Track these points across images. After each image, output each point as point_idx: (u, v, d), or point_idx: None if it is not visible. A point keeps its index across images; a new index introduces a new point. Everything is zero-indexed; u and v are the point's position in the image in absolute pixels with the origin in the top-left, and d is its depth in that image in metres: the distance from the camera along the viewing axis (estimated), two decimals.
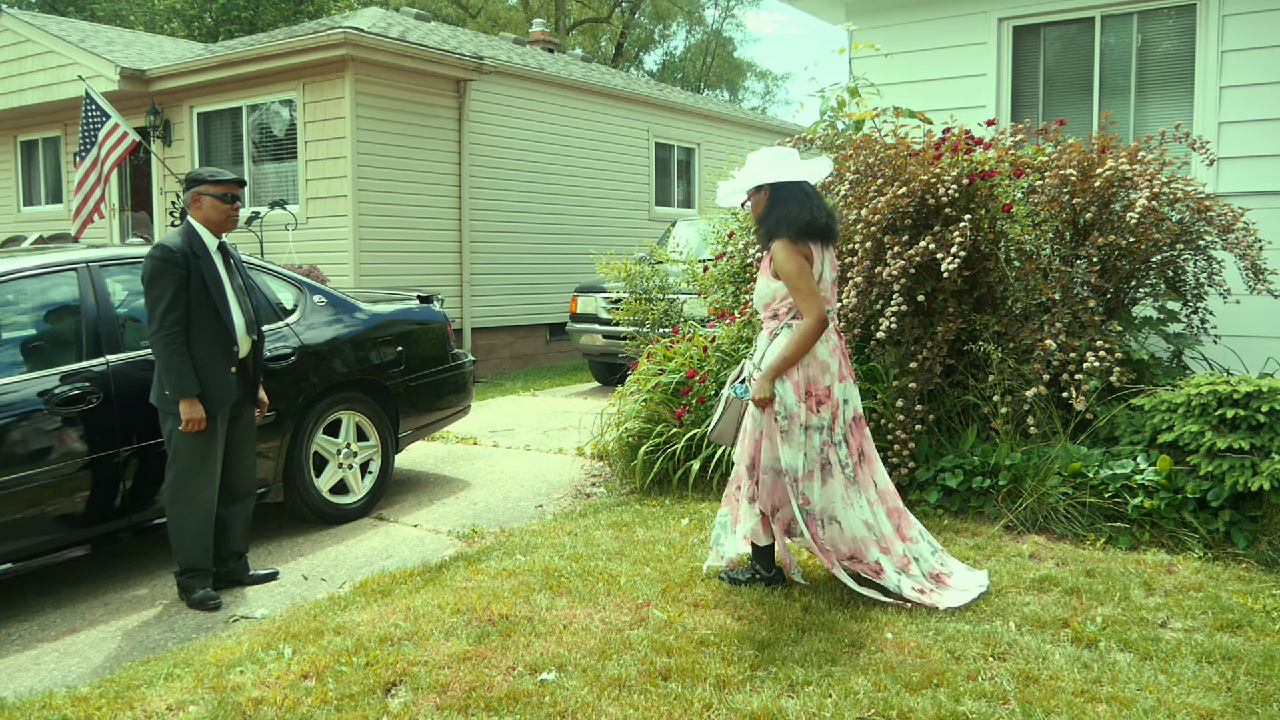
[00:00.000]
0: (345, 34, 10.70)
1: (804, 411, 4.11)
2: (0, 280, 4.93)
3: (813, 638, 3.80)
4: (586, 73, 15.53)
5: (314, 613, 4.36)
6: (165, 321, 4.56)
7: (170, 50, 14.67)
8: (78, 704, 3.56)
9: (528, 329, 13.81)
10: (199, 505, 4.73)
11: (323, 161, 11.50)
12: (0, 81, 14.21)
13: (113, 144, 11.32)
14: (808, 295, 4.03)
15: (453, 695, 3.38)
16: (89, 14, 32.45)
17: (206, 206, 4.77)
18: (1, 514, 4.55)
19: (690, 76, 44.76)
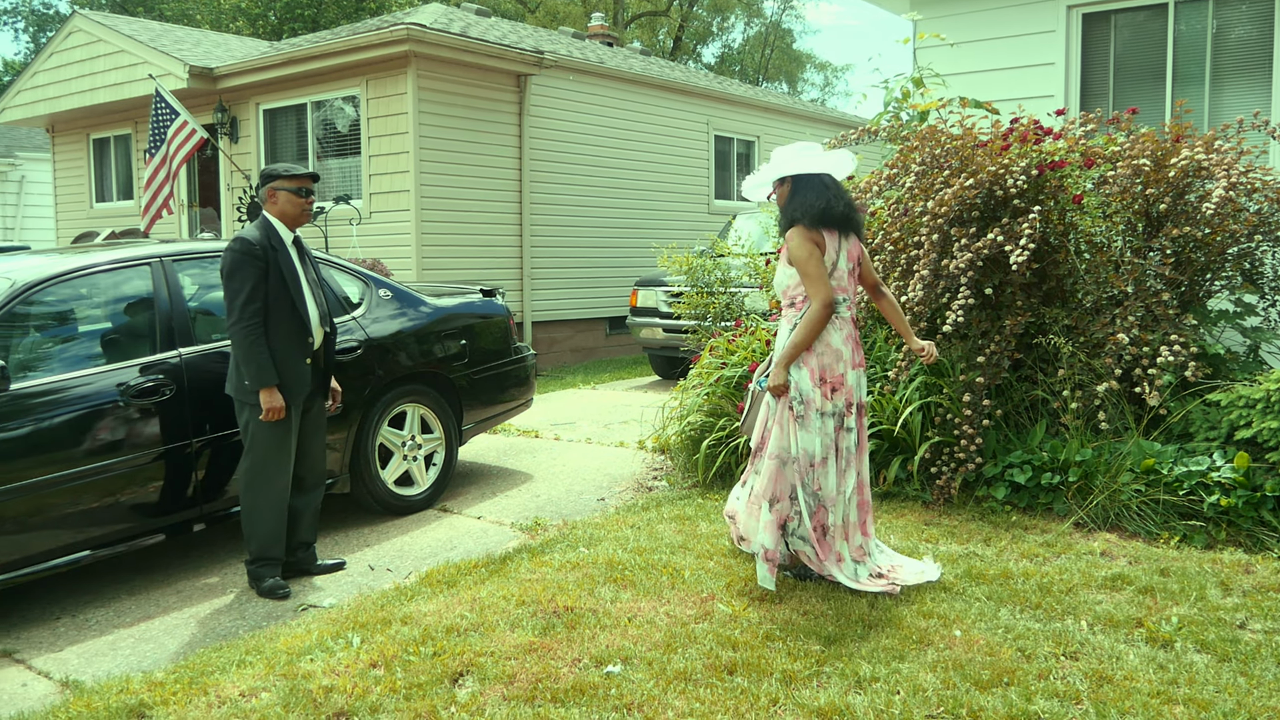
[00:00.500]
0: (408, 30, 10.79)
1: (819, 398, 4.17)
2: (76, 275, 5.04)
3: (879, 634, 3.76)
4: (645, 66, 15.51)
5: (381, 602, 4.42)
6: (245, 313, 4.64)
7: (237, 48, 14.92)
8: (154, 689, 3.64)
9: (587, 322, 13.85)
10: (273, 494, 4.81)
11: (386, 157, 11.62)
12: (73, 81, 14.56)
13: (181, 141, 11.55)
14: (816, 280, 4.10)
15: (519, 686, 3.40)
16: (157, 13, 33.17)
17: (282, 201, 4.86)
18: (80, 502, 4.67)
19: (748, 69, 44.54)
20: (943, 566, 4.45)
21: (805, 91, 46.66)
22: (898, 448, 5.66)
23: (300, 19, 28.05)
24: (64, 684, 3.97)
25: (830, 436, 4.19)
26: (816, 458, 4.18)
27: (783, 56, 45.21)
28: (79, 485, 4.66)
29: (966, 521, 5.16)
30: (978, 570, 4.41)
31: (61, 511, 4.62)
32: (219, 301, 5.57)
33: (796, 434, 4.17)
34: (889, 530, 5.02)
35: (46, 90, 15.05)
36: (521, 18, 35.90)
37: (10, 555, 4.46)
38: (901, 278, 5.77)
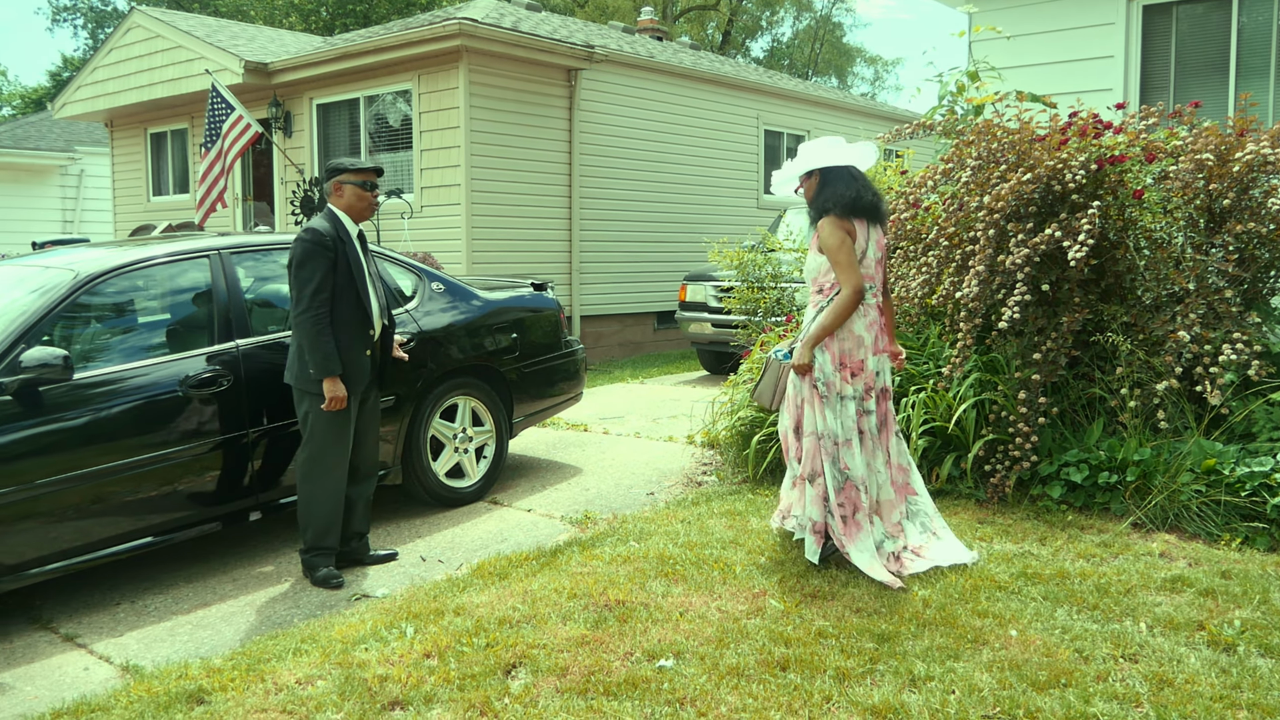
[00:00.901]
0: (460, 25, 10.86)
1: (839, 381, 4.38)
2: (137, 267, 5.13)
3: (933, 632, 3.73)
4: (695, 60, 15.47)
5: (433, 593, 4.45)
6: (314, 302, 4.69)
7: (291, 44, 15.09)
8: (212, 675, 3.69)
9: (635, 317, 13.86)
10: (331, 484, 4.87)
11: (437, 151, 11.70)
12: (132, 76, 14.82)
13: (236, 135, 11.71)
14: (846, 268, 4.28)
15: (572, 679, 3.41)
16: (212, 9, 33.65)
17: (348, 194, 4.90)
18: (139, 491, 4.75)
19: (797, 63, 44.30)
20: (999, 565, 4.40)
21: (855, 86, 46.32)
22: (951, 445, 5.61)
23: (351, 14, 28.33)
24: (124, 668, 4.05)
25: (852, 419, 4.40)
26: (840, 438, 4.39)
27: (832, 50, 44.91)
28: (138, 474, 4.74)
29: (1021, 520, 5.10)
30: (1033, 570, 4.35)
31: (121, 499, 4.71)
32: (275, 294, 5.66)
33: (823, 413, 4.40)
34: None
35: (106, 86, 15.34)
36: (571, 12, 35.98)
37: (73, 541, 4.55)
38: (956, 273, 5.70)
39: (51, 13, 43.95)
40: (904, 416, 5.59)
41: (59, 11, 43.41)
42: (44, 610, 4.73)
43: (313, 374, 4.72)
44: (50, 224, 21.83)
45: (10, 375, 4.39)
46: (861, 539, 4.39)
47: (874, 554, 4.37)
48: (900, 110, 18.70)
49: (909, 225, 6.01)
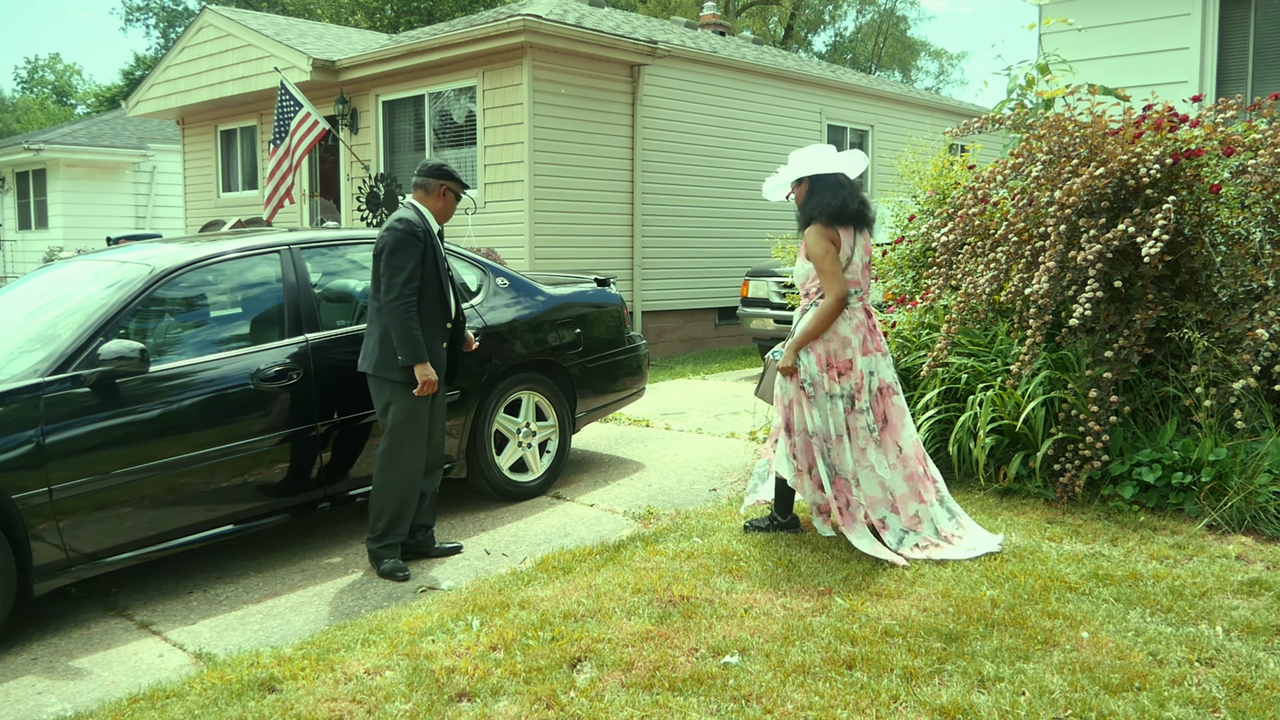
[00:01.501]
0: (524, 21, 10.91)
1: (826, 381, 4.57)
2: (211, 261, 5.23)
3: (1002, 633, 3.67)
4: (759, 55, 15.40)
5: (498, 586, 4.49)
6: (406, 290, 4.76)
7: (357, 41, 15.29)
8: (283, 664, 3.76)
9: (697, 313, 13.84)
10: (408, 475, 4.92)
11: (500, 147, 11.78)
12: (203, 75, 15.13)
13: (304, 132, 11.89)
14: (830, 276, 4.48)
15: (637, 674, 3.42)
16: (280, 7, 34.21)
17: (449, 200, 5.06)
18: (211, 482, 4.85)
19: (860, 57, 43.90)
20: (1070, 566, 4.33)
21: (919, 80, 45.79)
22: (1019, 443, 5.52)
23: (416, 11, 28.62)
24: (197, 656, 4.14)
25: (841, 417, 4.59)
26: (830, 435, 4.59)
27: (896, 44, 44.43)
28: (210, 465, 4.84)
29: (1091, 521, 5.01)
30: (1104, 571, 4.27)
31: (193, 490, 4.81)
32: (344, 288, 5.74)
33: (810, 412, 4.59)
34: (1009, 528, 4.90)
35: (177, 84, 15.67)
36: (634, 8, 35.99)
37: (147, 531, 4.66)
38: (1026, 270, 5.61)
39: (125, 13, 45.04)
40: (970, 414, 5.52)
41: (132, 11, 44.49)
42: (120, 598, 4.85)
43: (401, 361, 4.77)
44: (123, 220, 22.38)
45: (89, 368, 4.50)
46: (858, 527, 4.61)
47: (872, 539, 4.58)
48: (966, 104, 18.44)
49: (977, 221, 5.92)
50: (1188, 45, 7.44)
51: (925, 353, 5.98)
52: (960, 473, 5.60)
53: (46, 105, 65.24)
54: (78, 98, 66.09)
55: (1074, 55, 7.48)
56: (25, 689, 3.93)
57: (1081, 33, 7.61)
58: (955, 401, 5.78)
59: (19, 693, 3.90)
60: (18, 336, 4.94)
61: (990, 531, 4.79)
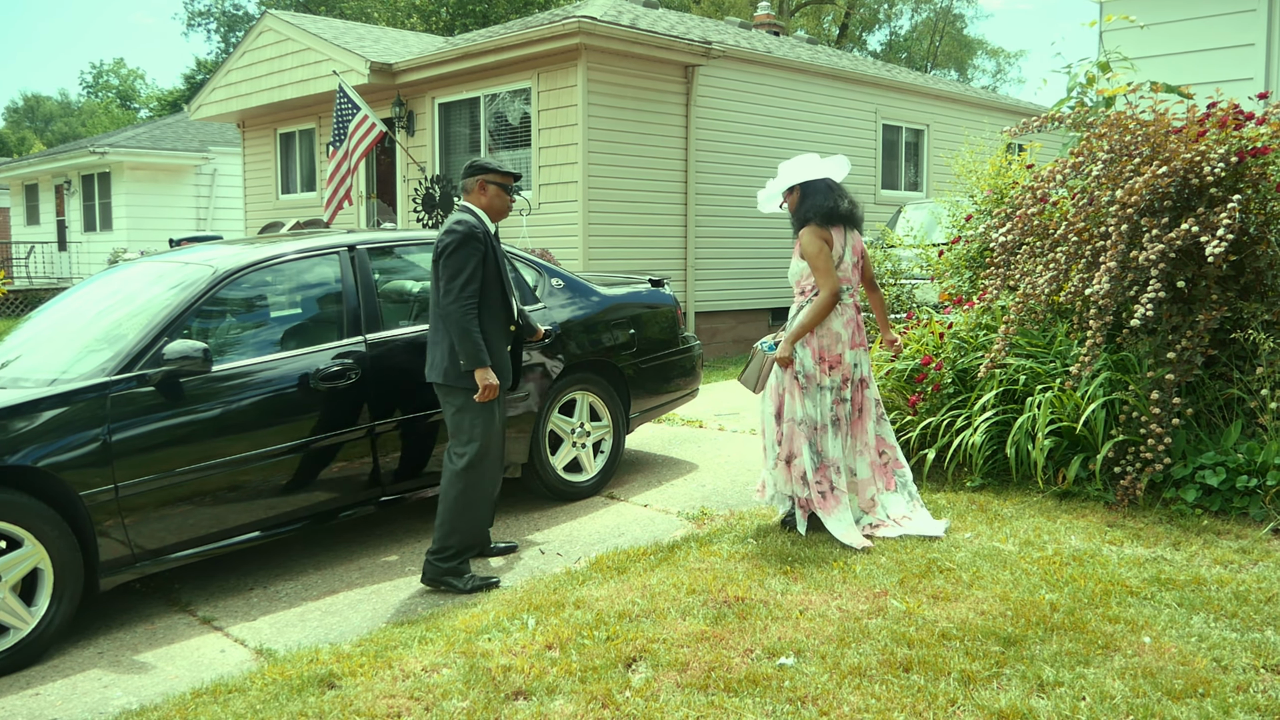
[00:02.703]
0: (579, 23, 10.96)
1: (818, 373, 4.84)
2: (272, 263, 5.31)
3: (1062, 637, 3.63)
4: (813, 55, 15.32)
5: (553, 586, 4.52)
6: (465, 293, 4.64)
7: (414, 44, 15.45)
8: (341, 660, 3.81)
9: (750, 313, 13.80)
10: (486, 490, 4.84)
11: (555, 149, 11.84)
12: (263, 78, 15.38)
13: (362, 135, 12.05)
14: (824, 273, 4.76)
15: (692, 674, 3.42)
16: (338, 12, 34.67)
17: (491, 194, 4.90)
18: (271, 480, 4.92)
19: (916, 56, 43.49)
20: (1131, 570, 4.26)
21: (976, 79, 45.28)
22: (1078, 446, 5.44)
23: (471, 14, 28.85)
24: (258, 652, 4.21)
25: (829, 407, 4.87)
26: (819, 423, 4.85)
27: (952, 43, 43.96)
28: (270, 464, 4.91)
29: (1153, 524, 4.92)
30: (1166, 575, 4.20)
31: (254, 488, 4.88)
32: (402, 289, 5.81)
33: (802, 401, 4.84)
34: (1069, 531, 4.83)
35: (238, 87, 15.94)
36: (687, 8, 36.00)
37: (210, 528, 4.74)
38: (1086, 270, 5.52)
39: (186, 18, 45.97)
40: (1029, 416, 5.45)
41: (193, 16, 45.36)
42: (183, 594, 4.95)
43: (463, 365, 4.66)
44: (185, 221, 22.82)
45: (154, 367, 4.59)
46: (839, 512, 4.86)
47: (851, 525, 4.85)
48: (1024, 103, 18.19)
49: (1036, 220, 5.84)
50: (1253, 41, 7.29)
51: (982, 354, 5.91)
52: (1018, 475, 5.53)
53: (111, 109, 66.74)
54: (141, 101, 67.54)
55: (1136, 52, 7.35)
56: (92, 682, 4.03)
57: (1144, 30, 7.49)
58: (1013, 403, 5.70)
59: (86, 685, 3.99)
60: (85, 336, 5.05)
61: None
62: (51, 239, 25.41)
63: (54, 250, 25.19)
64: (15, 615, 4.16)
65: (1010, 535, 4.78)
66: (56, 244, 25.15)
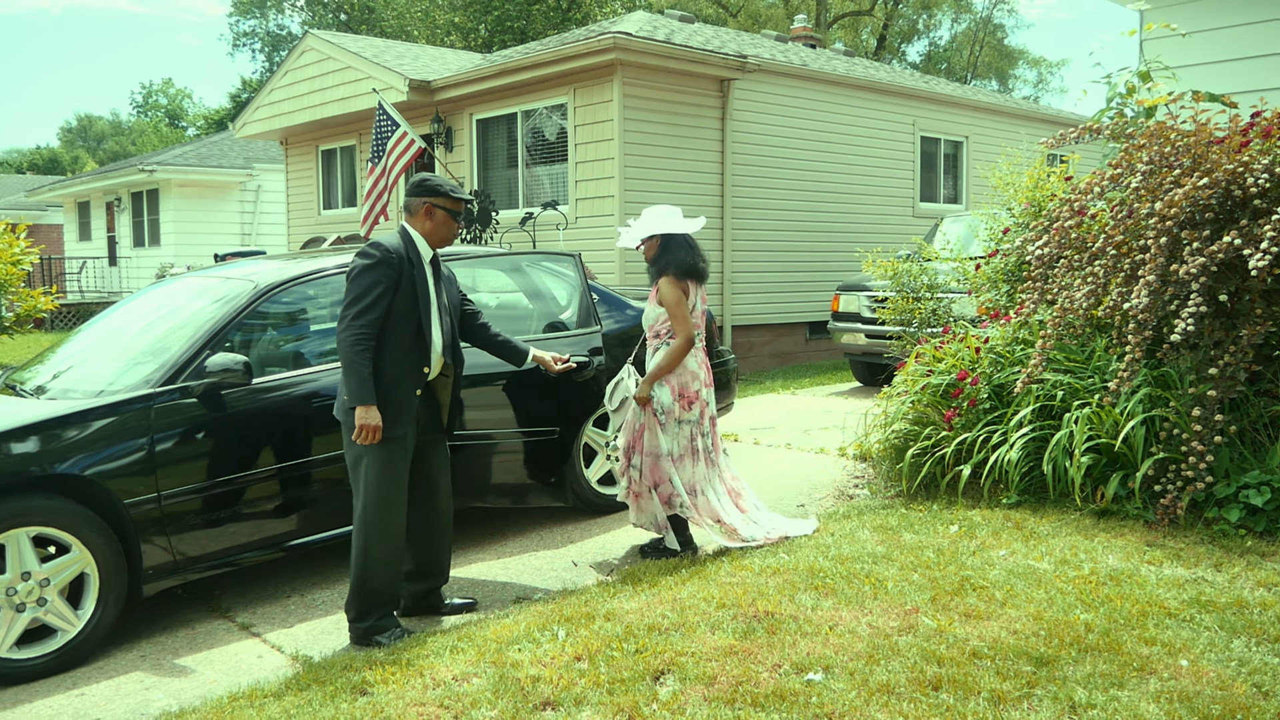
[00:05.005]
0: (615, 39, 11.03)
1: (678, 409, 5.20)
2: (311, 278, 5.39)
3: (1096, 658, 3.58)
4: (850, 67, 15.30)
5: (585, 598, 4.53)
6: (357, 322, 4.21)
7: (452, 61, 15.62)
8: (374, 668, 3.85)
9: (787, 327, 13.77)
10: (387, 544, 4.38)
11: (591, 163, 11.91)
12: (305, 96, 15.61)
13: (400, 151, 12.18)
14: (682, 320, 5.15)
15: (720, 688, 3.42)
16: (378, 30, 35.10)
17: (439, 220, 4.47)
18: (309, 489, 5.00)
19: (956, 67, 43.26)
20: (1170, 591, 4.19)
21: (1017, 89, 44.92)
22: (1117, 463, 5.37)
23: (510, 31, 29.08)
24: (294, 658, 4.27)
25: (687, 439, 5.23)
26: (676, 454, 5.20)
27: (992, 53, 43.67)
28: (309, 474, 4.99)
29: (1194, 544, 4.84)
30: (1207, 597, 4.13)
31: (293, 498, 4.96)
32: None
33: (660, 436, 5.18)
34: (1106, 550, 4.76)
35: (281, 106, 16.20)
36: (724, 22, 36.07)
37: (249, 536, 4.82)
38: (1124, 283, 5.46)
39: (232, 38, 46.69)
40: (1066, 432, 5.39)
41: (239, 37, 46.11)
42: (223, 600, 5.03)
43: (346, 401, 4.25)
44: (230, 237, 23.18)
45: (196, 379, 4.68)
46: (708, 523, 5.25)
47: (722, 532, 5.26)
48: (1065, 113, 18.04)
49: (1073, 234, 5.79)
50: None
51: (1019, 369, 5.86)
52: (1055, 492, 5.47)
53: (160, 128, 67.95)
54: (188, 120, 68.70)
55: (1176, 61, 7.27)
56: (134, 684, 4.11)
57: (1185, 38, 7.40)
58: (1050, 419, 5.64)
59: (129, 687, 4.07)
60: (131, 349, 5.16)
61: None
62: (103, 254, 25.91)
63: (105, 265, 25.69)
64: (63, 618, 4.27)
65: (1046, 553, 4.72)
66: (107, 259, 25.64)
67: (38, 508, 4.21)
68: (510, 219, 12.69)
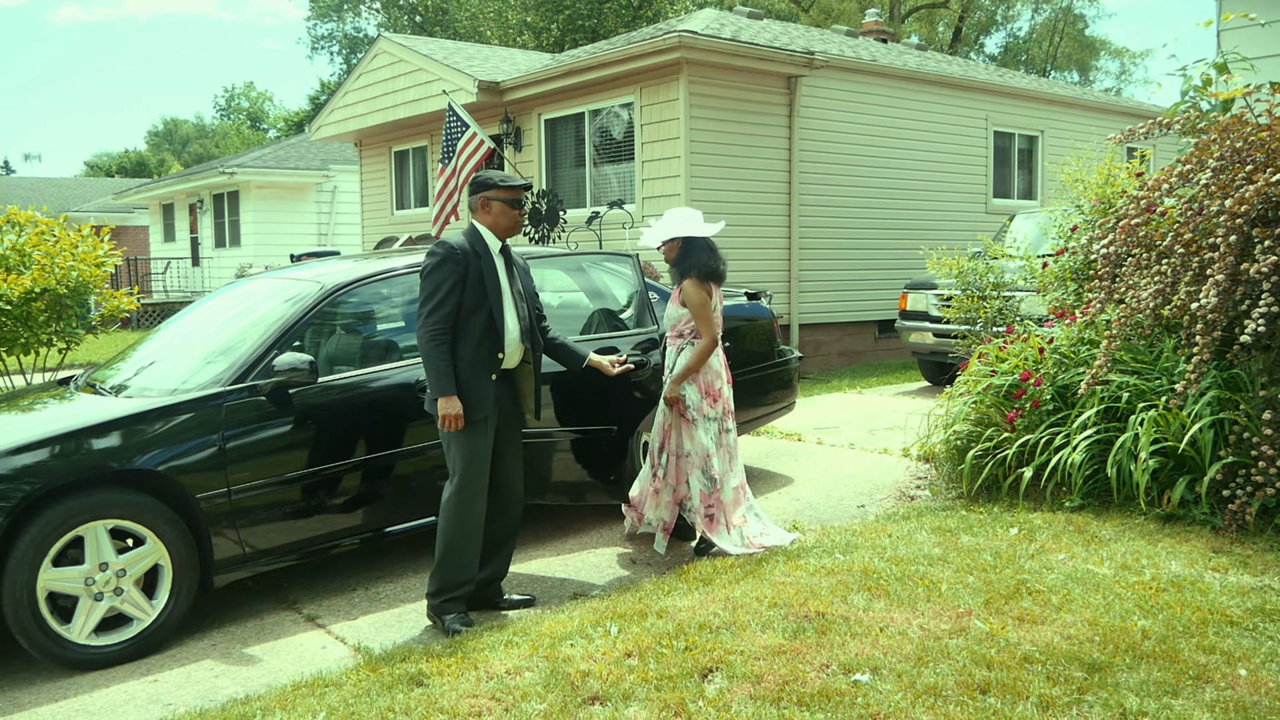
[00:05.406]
0: (680, 38, 11.06)
1: (705, 406, 5.33)
2: (377, 278, 5.52)
3: (1151, 665, 3.53)
4: (921, 61, 15.12)
5: (639, 595, 4.58)
6: (431, 319, 4.45)
7: (521, 62, 15.78)
8: (431, 660, 3.95)
9: (856, 325, 13.67)
10: (468, 524, 4.59)
11: (657, 162, 11.95)
12: (378, 99, 15.90)
13: (470, 152, 12.34)
14: (707, 321, 5.29)
15: (766, 687, 3.44)
16: (451, 31, 35.53)
17: (496, 211, 4.66)
18: (373, 485, 5.12)
19: (1035, 59, 42.43)
20: (1233, 599, 4.11)
21: (1099, 81, 43.90)
22: (1184, 467, 5.26)
23: (581, 30, 29.25)
24: (356, 649, 4.39)
25: (714, 435, 5.35)
26: (709, 450, 5.30)
27: (1073, 44, 42.73)
28: (372, 470, 5.11)
29: (1263, 551, 4.73)
30: (1273, 606, 4.04)
31: (357, 493, 5.08)
32: None
33: (691, 435, 5.30)
34: (1169, 555, 4.68)
35: (355, 108, 16.52)
36: (795, 17, 35.84)
37: (315, 530, 4.95)
38: (1193, 282, 5.35)
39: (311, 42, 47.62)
40: (1131, 434, 5.30)
41: (317, 40, 47.03)
42: (291, 592, 5.18)
43: (429, 393, 4.53)
44: (307, 237, 23.71)
45: (265, 378, 4.83)
46: (722, 531, 5.31)
47: (738, 541, 5.28)
48: (1146, 106, 17.61)
49: (1141, 231, 5.68)
50: None
51: (1084, 370, 5.77)
52: (1120, 496, 5.38)
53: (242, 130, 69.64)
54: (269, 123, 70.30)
55: (1256, 52, 7.09)
56: (204, 671, 4.26)
57: (1265, 27, 7.21)
58: (1115, 421, 5.55)
59: (199, 675, 4.23)
60: (204, 348, 5.34)
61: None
62: (186, 255, 26.69)
63: (188, 265, 26.45)
64: (138, 607, 4.45)
65: (1107, 558, 4.65)
66: (190, 259, 26.41)
67: (115, 501, 4.39)
68: (578, 218, 12.79)
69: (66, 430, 4.49)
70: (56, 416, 4.87)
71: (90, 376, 5.64)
